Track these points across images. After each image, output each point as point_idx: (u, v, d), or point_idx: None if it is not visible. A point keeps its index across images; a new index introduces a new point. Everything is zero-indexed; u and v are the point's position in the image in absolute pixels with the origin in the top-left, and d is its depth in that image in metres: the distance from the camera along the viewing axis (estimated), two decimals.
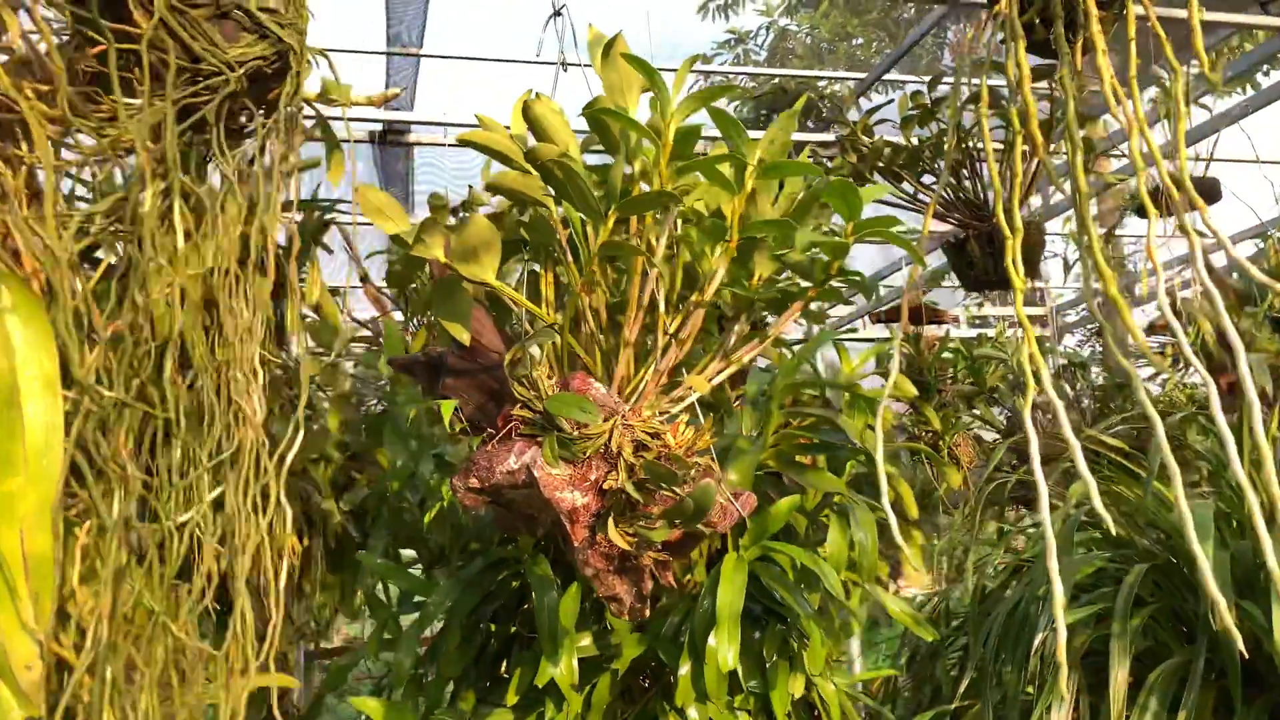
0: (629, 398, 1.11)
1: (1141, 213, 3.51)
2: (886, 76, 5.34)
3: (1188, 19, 1.41)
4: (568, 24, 1.57)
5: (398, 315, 3.03)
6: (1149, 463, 1.76)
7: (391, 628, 2.07)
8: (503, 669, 1.94)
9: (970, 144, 2.66)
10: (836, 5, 10.37)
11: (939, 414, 3.60)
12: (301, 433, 0.88)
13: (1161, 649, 1.71)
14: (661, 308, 1.15)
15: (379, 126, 5.45)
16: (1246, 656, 1.54)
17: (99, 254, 0.91)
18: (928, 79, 2.37)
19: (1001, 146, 2.31)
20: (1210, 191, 3.04)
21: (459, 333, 1.06)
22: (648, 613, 1.13)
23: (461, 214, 2.14)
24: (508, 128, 1.11)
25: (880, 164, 2.47)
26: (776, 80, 6.69)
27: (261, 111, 0.81)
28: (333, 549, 2.75)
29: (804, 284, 1.21)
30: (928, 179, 2.78)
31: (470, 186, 1.25)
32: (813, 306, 1.41)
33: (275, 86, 0.80)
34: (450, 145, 3.52)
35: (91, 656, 0.68)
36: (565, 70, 1.50)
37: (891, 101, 2.60)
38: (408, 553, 2.07)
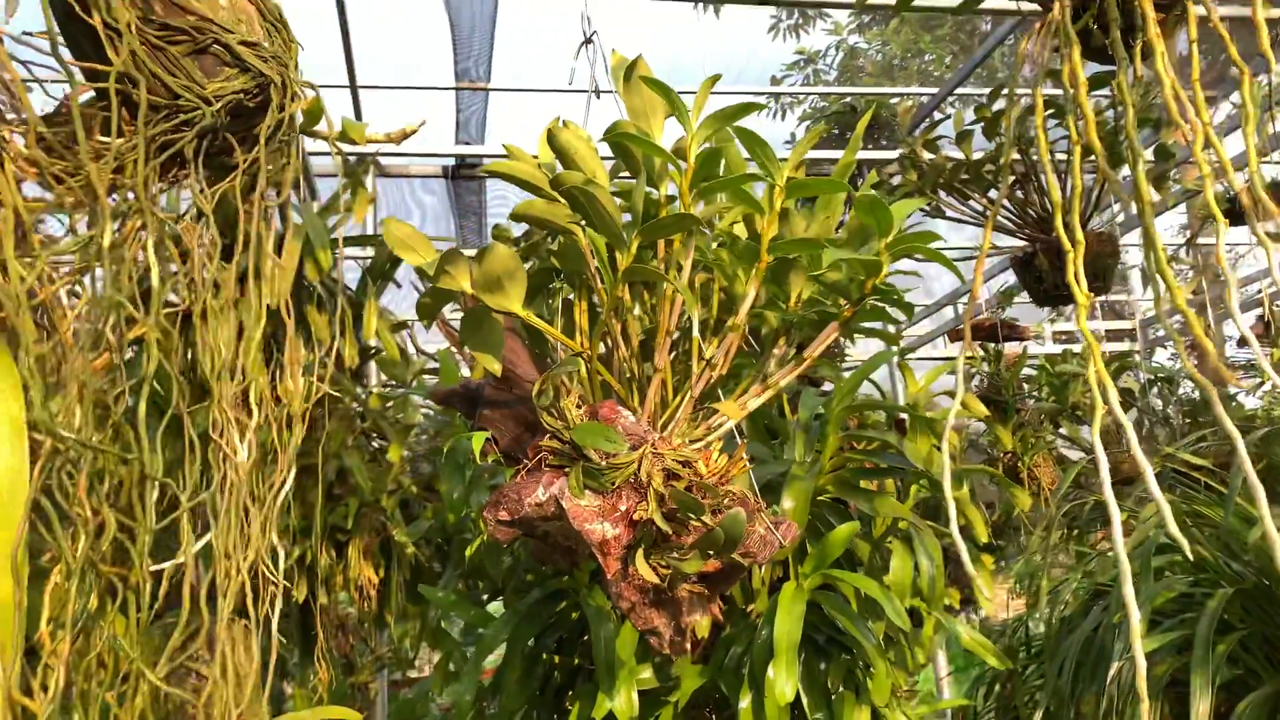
0: (661, 426, 1.09)
1: (1233, 219, 3.35)
2: (961, 90, 5.23)
3: (1252, 17, 1.34)
4: (599, 51, 1.58)
5: None
6: (1230, 481, 1.66)
7: (457, 660, 2.07)
8: (567, 702, 1.92)
9: (1035, 156, 2.58)
10: (907, 21, 10.24)
11: (1018, 434, 3.48)
12: (293, 468, 0.88)
13: (1252, 677, 1.60)
14: (695, 332, 1.13)
15: (452, 161, 5.57)
16: None
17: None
18: (988, 91, 2.30)
19: (1064, 157, 2.23)
20: None
21: (490, 363, 1.05)
22: (688, 646, 1.10)
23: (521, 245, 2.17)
24: (535, 157, 1.11)
25: (942, 180, 2.41)
26: (847, 99, 6.63)
27: (244, 146, 0.82)
28: (407, 580, 2.79)
29: (845, 304, 1.18)
30: (996, 194, 2.70)
31: (496, 225, 1.26)
32: (890, 327, 1.37)
33: (261, 120, 0.81)
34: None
35: (52, 707, 0.68)
36: (599, 97, 1.50)
37: (948, 118, 2.54)
38: None
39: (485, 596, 2.02)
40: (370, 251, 2.77)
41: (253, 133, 0.81)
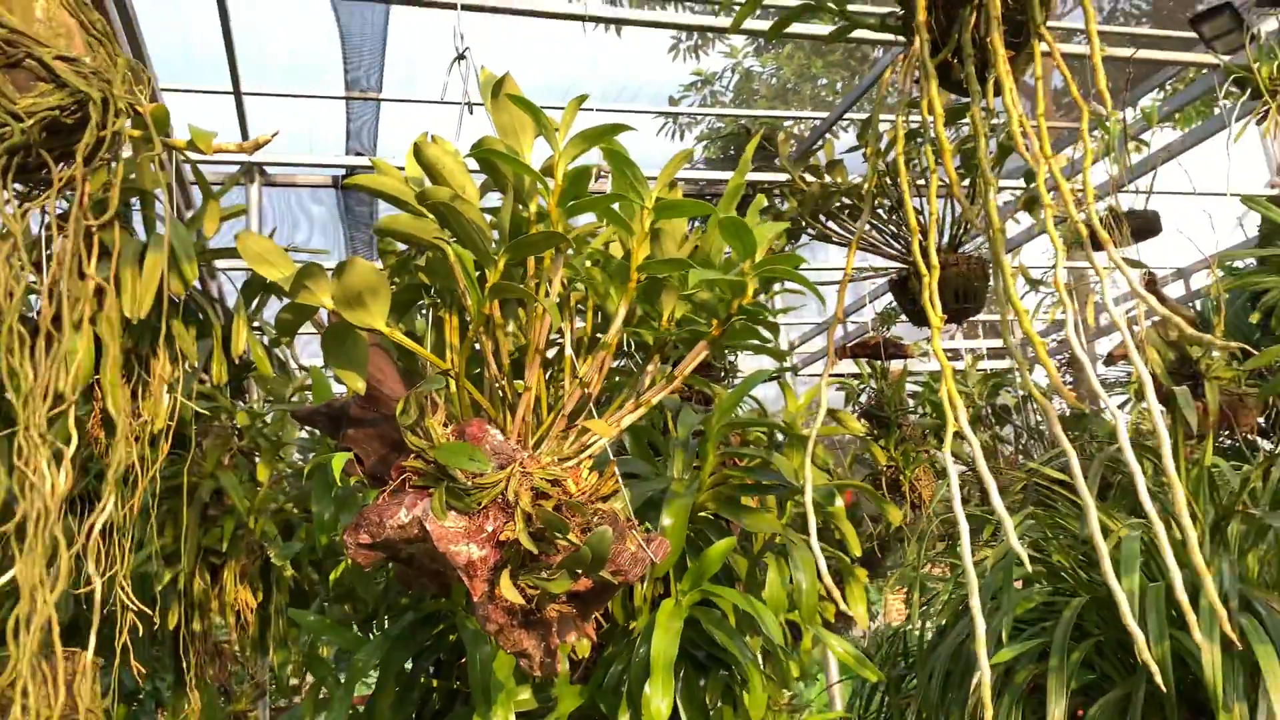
0: (534, 445, 1.09)
1: (1096, 244, 3.53)
2: (851, 115, 5.40)
3: (1129, 58, 1.43)
4: (471, 68, 1.57)
5: None
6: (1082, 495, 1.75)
7: (330, 686, 2.01)
8: None
9: (921, 182, 2.68)
10: (800, 47, 10.52)
11: (900, 448, 3.58)
12: (113, 497, 0.84)
13: (1106, 681, 1.68)
14: (568, 350, 1.13)
15: (342, 171, 5.45)
16: (1179, 687, 1.52)
17: None
18: (865, 118, 2.38)
19: (941, 184, 2.32)
20: (1150, 225, 3.06)
21: (353, 381, 1.03)
22: (559, 667, 1.09)
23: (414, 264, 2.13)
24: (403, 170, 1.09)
25: (822, 204, 2.47)
26: (742, 120, 6.75)
27: (65, 163, 0.78)
28: (288, 604, 2.70)
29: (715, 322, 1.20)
30: (880, 217, 2.79)
31: (381, 239, 1.23)
32: (784, 344, 1.39)
33: (80, 136, 0.78)
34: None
35: None
36: (472, 112, 1.49)
37: (821, 144, 2.61)
38: None
39: (360, 620, 1.97)
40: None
41: (71, 150, 0.78)
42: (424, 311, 1.39)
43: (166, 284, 1.56)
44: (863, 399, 4.17)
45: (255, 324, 2.32)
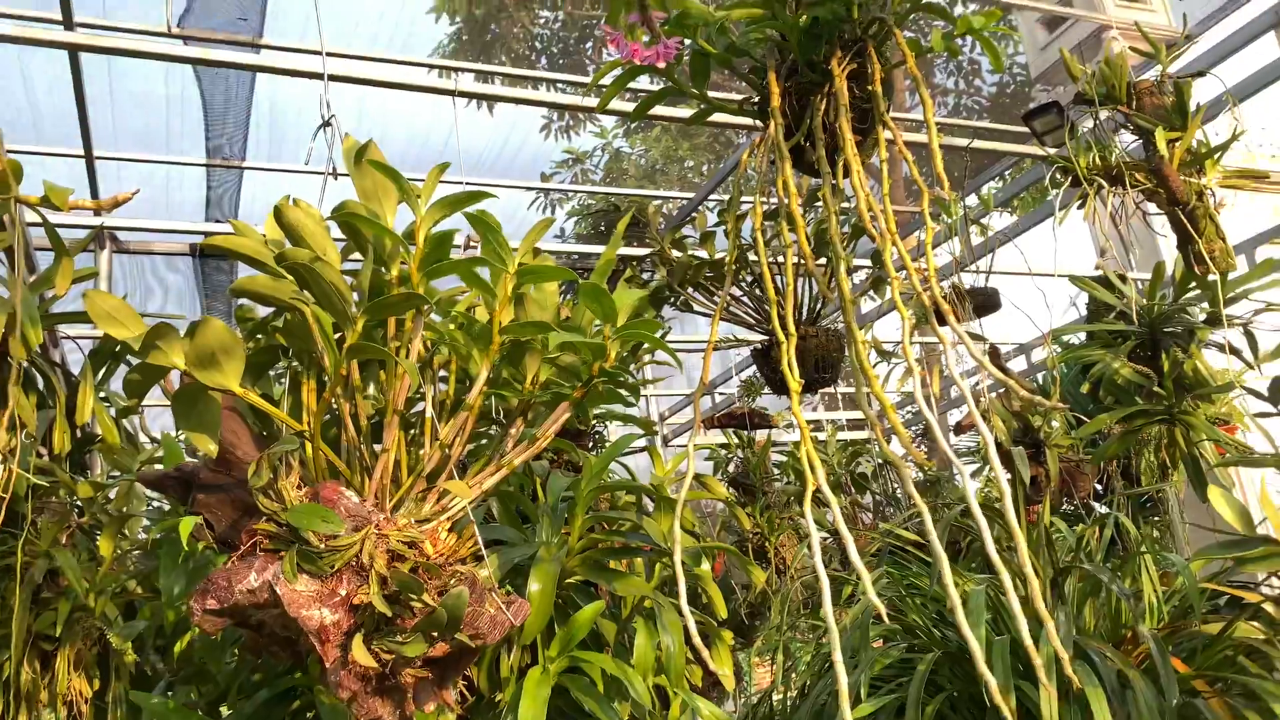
0: (392, 507, 1.08)
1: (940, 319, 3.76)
2: (716, 196, 5.62)
3: (967, 148, 1.54)
4: (337, 135, 1.58)
5: None
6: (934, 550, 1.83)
7: None
8: None
9: (773, 257, 2.81)
10: (668, 130, 10.90)
11: (765, 514, 3.67)
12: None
13: None
14: (429, 412, 1.13)
15: (200, 239, 5.29)
16: None
17: None
18: (727, 197, 2.49)
19: (797, 260, 2.44)
20: (991, 302, 3.29)
21: (204, 444, 1.00)
22: None
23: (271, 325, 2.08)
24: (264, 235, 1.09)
25: (689, 276, 2.55)
26: (612, 198, 6.92)
27: None
28: (129, 690, 2.52)
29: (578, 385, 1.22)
30: (741, 289, 2.89)
31: (240, 305, 1.21)
32: (654, 415, 1.43)
33: None
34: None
35: None
36: (336, 179, 1.50)
37: (693, 220, 2.71)
38: None
39: (208, 703, 1.86)
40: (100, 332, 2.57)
41: None
42: (280, 375, 1.36)
43: (7, 347, 1.48)
44: (730, 467, 4.26)
45: (101, 393, 2.22)
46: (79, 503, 2.49)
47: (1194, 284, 2.73)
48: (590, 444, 3.43)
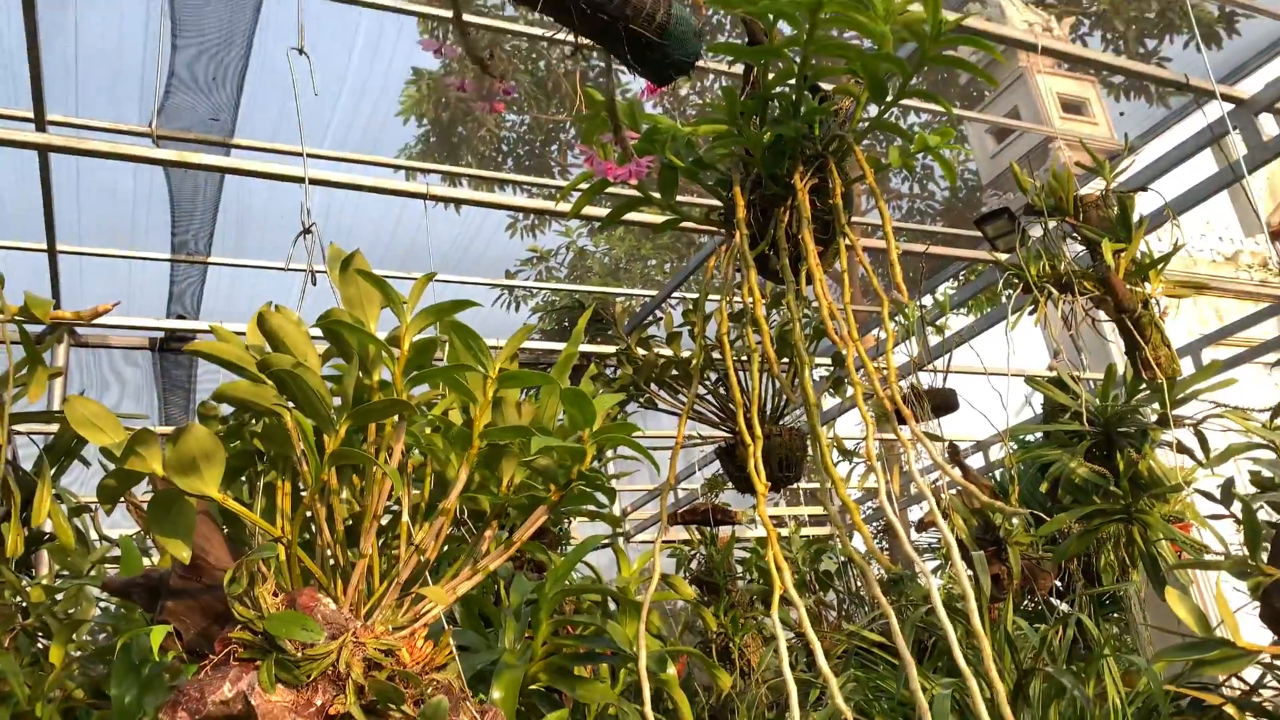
0: (365, 614, 1.07)
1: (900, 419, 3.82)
2: (678, 294, 5.73)
3: (924, 253, 1.61)
4: (317, 241, 1.62)
5: None
6: (901, 655, 1.84)
7: None
8: None
9: (737, 357, 2.86)
10: (631, 230, 11.12)
11: (729, 614, 3.63)
12: None
13: None
14: (405, 517, 1.13)
15: (161, 334, 5.25)
16: None
17: None
18: (692, 296, 2.55)
19: (763, 363, 2.49)
20: (948, 402, 3.36)
21: (178, 550, 0.99)
22: None
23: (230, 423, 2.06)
24: (244, 337, 1.10)
25: (654, 375, 2.59)
26: (576, 295, 7.02)
27: None
28: None
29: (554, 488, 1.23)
30: (707, 388, 2.94)
31: (202, 403, 1.22)
32: (616, 511, 1.43)
33: None
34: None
35: None
36: (315, 284, 1.53)
37: (660, 320, 2.76)
38: None
39: None
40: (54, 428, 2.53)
41: None
42: (245, 480, 1.35)
43: None
44: (693, 565, 4.23)
45: (54, 490, 2.17)
46: (24, 604, 2.41)
47: (1144, 386, 2.82)
48: (554, 542, 3.40)
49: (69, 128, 3.68)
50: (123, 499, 2.41)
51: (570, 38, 1.21)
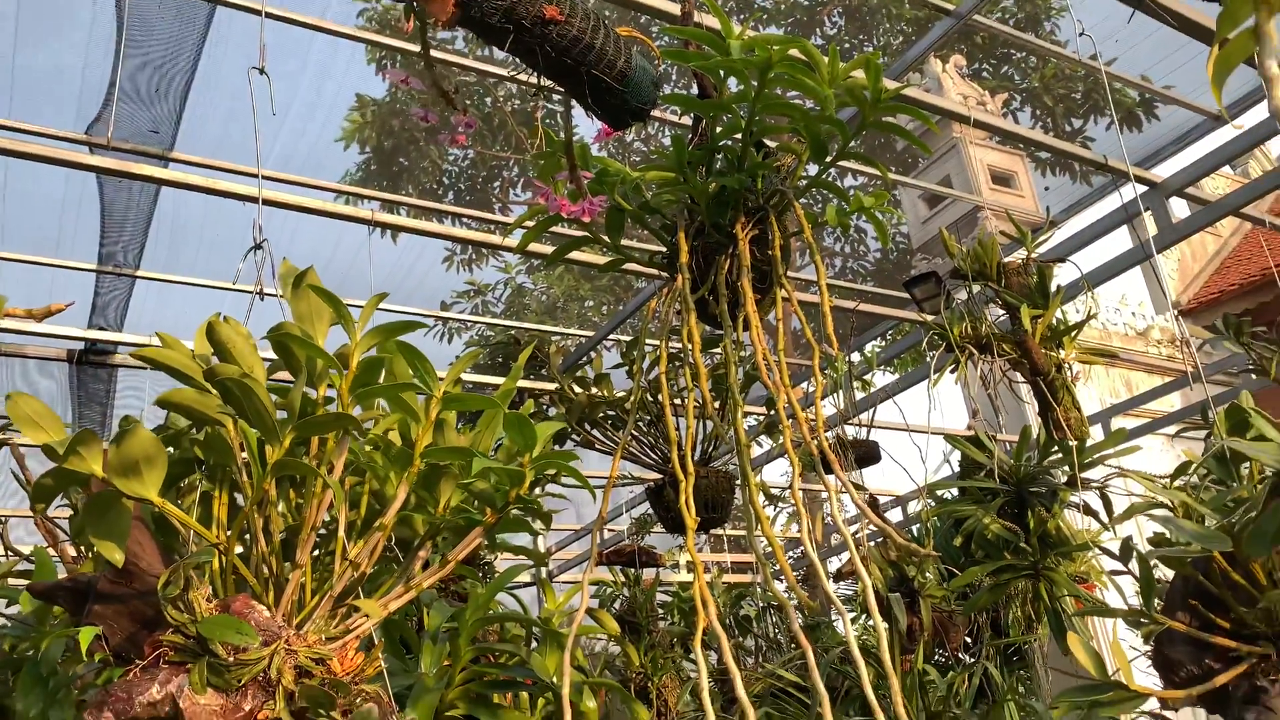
0: (298, 624, 1.08)
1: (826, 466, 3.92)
2: (614, 336, 5.78)
3: (854, 309, 1.69)
4: (268, 258, 1.64)
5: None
6: (814, 694, 1.89)
7: None
8: None
9: (675, 398, 2.92)
10: (569, 270, 11.19)
11: (649, 654, 3.65)
12: None
13: None
14: (341, 531, 1.15)
15: (81, 345, 5.11)
16: None
17: None
18: (627, 339, 2.61)
19: (698, 405, 2.55)
20: (871, 454, 3.46)
21: (111, 552, 1.00)
22: None
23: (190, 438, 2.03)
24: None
25: (586, 414, 2.63)
26: (512, 331, 7.03)
27: None
28: None
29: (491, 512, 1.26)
30: (635, 428, 2.98)
31: (125, 416, 1.22)
32: (541, 548, 1.45)
33: None
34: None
35: None
36: (263, 299, 1.54)
37: (590, 360, 2.81)
38: None
39: None
40: None
41: None
42: (176, 489, 1.35)
43: None
44: (617, 605, 4.24)
45: None
46: None
47: (1056, 448, 2.95)
48: (479, 574, 3.39)
49: (3, 130, 3.61)
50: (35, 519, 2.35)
51: (533, 77, 1.27)
